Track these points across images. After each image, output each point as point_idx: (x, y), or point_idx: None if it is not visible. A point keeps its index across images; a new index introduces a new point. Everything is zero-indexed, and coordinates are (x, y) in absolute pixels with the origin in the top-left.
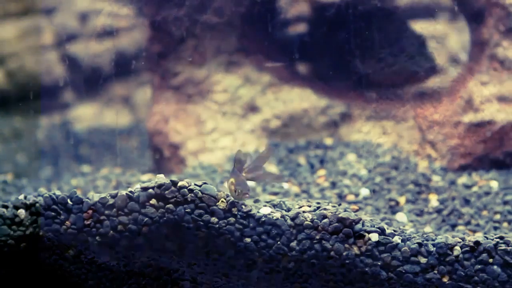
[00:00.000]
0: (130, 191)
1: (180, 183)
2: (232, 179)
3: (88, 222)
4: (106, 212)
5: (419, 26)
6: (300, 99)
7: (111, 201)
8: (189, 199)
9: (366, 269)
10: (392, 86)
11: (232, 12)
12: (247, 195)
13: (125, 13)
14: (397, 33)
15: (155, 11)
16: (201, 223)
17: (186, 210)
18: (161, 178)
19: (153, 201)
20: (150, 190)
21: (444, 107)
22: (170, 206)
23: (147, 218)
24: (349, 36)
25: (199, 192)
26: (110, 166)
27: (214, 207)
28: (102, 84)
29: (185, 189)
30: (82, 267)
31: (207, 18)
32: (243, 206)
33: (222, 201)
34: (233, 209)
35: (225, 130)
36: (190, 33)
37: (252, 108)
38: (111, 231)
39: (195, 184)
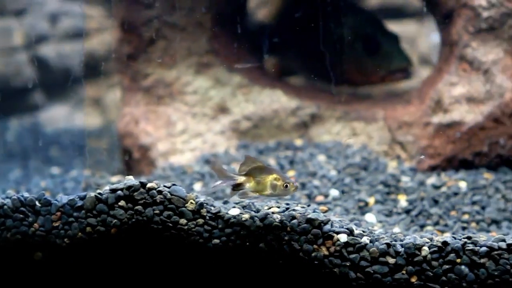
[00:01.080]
0: (99, 193)
1: (149, 185)
2: (274, 175)
3: (57, 224)
4: (75, 214)
5: (390, 27)
6: (271, 100)
7: (79, 203)
8: (158, 201)
9: (335, 270)
10: (368, 85)
11: (202, 14)
12: (297, 186)
13: (95, 15)
14: (371, 32)
15: (125, 13)
16: (170, 224)
17: (155, 212)
18: (130, 180)
19: (122, 203)
20: (119, 192)
21: (413, 108)
22: (139, 207)
23: (115, 220)
24: (321, 35)
25: (168, 194)
26: (80, 168)
27: (183, 208)
28: (72, 86)
29: (154, 191)
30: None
31: (177, 20)
32: (212, 208)
33: (191, 203)
34: (202, 210)
35: (195, 132)
36: (160, 35)
37: (223, 110)
38: (80, 233)
39: (164, 186)
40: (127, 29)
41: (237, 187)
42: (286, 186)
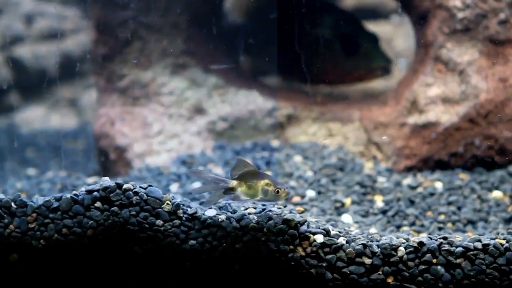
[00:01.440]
0: (75, 194)
1: (125, 186)
2: (266, 180)
3: (33, 226)
4: (51, 215)
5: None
6: (247, 101)
7: (55, 204)
8: (134, 202)
9: (311, 271)
10: (347, 84)
11: (178, 15)
12: (288, 192)
13: (71, 15)
14: (350, 31)
15: (100, 14)
16: (146, 225)
17: (131, 213)
18: (106, 181)
19: (98, 204)
20: (95, 193)
21: (389, 108)
22: (115, 209)
23: (92, 221)
24: (296, 36)
25: (144, 195)
26: (56, 169)
27: (159, 209)
28: (48, 87)
29: (130, 192)
30: None
31: (152, 21)
32: (188, 208)
33: (167, 204)
34: (178, 211)
35: (172, 133)
36: (136, 36)
37: (199, 110)
38: (56, 235)
39: (140, 187)
40: (102, 30)
41: (228, 191)
42: (278, 191)
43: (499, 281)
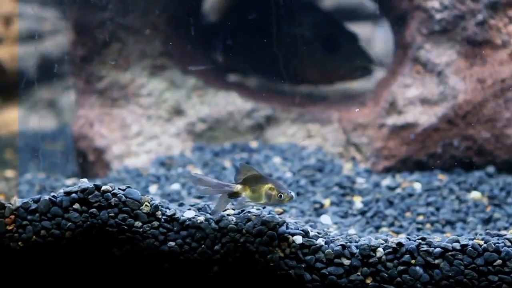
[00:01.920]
0: (53, 196)
1: (103, 187)
2: (269, 184)
3: (11, 228)
4: (29, 217)
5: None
6: (226, 102)
7: (33, 206)
8: (112, 203)
9: (290, 272)
10: (328, 83)
11: (157, 16)
12: (292, 196)
13: (49, 17)
14: (331, 31)
15: (78, 15)
16: (125, 227)
17: (110, 215)
18: (84, 183)
19: (76, 206)
20: (74, 195)
21: (368, 109)
22: (93, 210)
23: (70, 223)
24: (274, 35)
25: (123, 196)
26: (34, 171)
27: (138, 211)
28: (26, 88)
29: (109, 193)
30: None
31: (131, 22)
32: (167, 210)
33: (146, 205)
34: (157, 213)
35: (150, 134)
36: (114, 37)
37: (178, 112)
38: (34, 236)
39: (118, 188)
40: (80, 32)
41: (233, 195)
42: (281, 196)
43: (478, 281)
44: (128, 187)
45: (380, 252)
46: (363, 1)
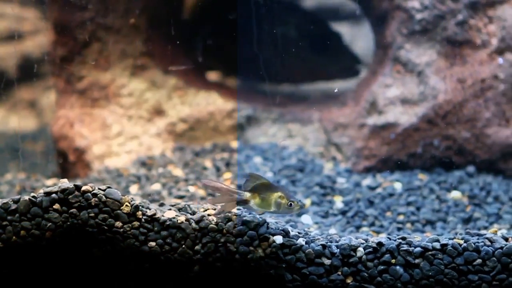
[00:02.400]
0: (33, 196)
1: (84, 188)
2: (279, 193)
3: None
4: (9, 217)
5: None
6: (206, 103)
7: (13, 207)
8: (93, 204)
9: (271, 272)
10: (314, 83)
11: (137, 16)
12: (301, 205)
13: (30, 17)
14: (316, 31)
15: (59, 15)
16: (105, 227)
17: (90, 215)
18: (64, 183)
19: (56, 206)
20: (54, 195)
21: (349, 109)
22: (73, 210)
23: (50, 223)
24: (261, 36)
25: (103, 197)
26: (15, 171)
27: (118, 211)
28: (7, 88)
29: (89, 194)
30: None
31: (111, 22)
32: (148, 210)
33: (126, 205)
34: (137, 213)
35: (131, 134)
36: (95, 37)
37: (158, 112)
38: (14, 237)
39: (99, 189)
40: (61, 31)
41: (242, 202)
42: (291, 204)
43: (458, 281)
44: (109, 187)
45: (360, 251)
46: (344, 1)
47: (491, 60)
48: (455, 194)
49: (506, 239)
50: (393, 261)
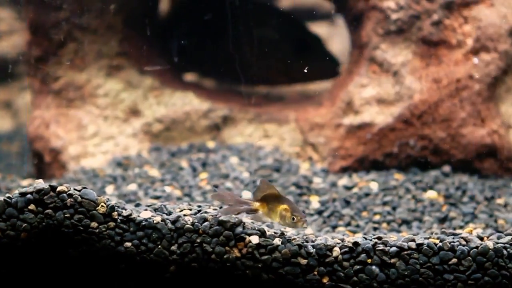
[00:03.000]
0: (8, 197)
1: (59, 188)
2: (285, 205)
3: None
4: None
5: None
6: (182, 103)
7: None
8: (68, 204)
9: (247, 272)
10: (294, 84)
11: (113, 16)
12: (306, 221)
13: (5, 17)
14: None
15: (34, 15)
16: (81, 228)
17: (66, 215)
18: (40, 183)
19: (31, 207)
20: (29, 196)
21: (325, 109)
22: (49, 211)
23: (25, 224)
24: (239, 38)
25: (79, 197)
26: None
27: (94, 211)
28: None
29: (64, 194)
30: None
31: (87, 22)
32: (123, 210)
33: (102, 206)
34: (113, 213)
35: (107, 135)
36: (70, 37)
37: (134, 112)
38: None
39: (74, 189)
40: (36, 32)
41: (251, 212)
42: (293, 218)
43: (433, 280)
44: (84, 187)
45: (336, 251)
46: (320, 1)
47: (467, 60)
48: (431, 194)
49: (481, 239)
50: (369, 260)
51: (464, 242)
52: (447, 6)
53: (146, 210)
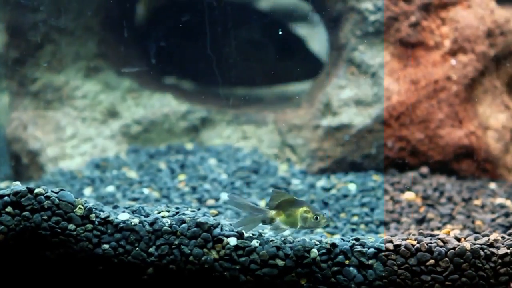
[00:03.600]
0: None
1: (36, 190)
2: (305, 207)
3: None
4: None
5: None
6: (161, 104)
7: None
8: (46, 206)
9: (225, 273)
10: (277, 86)
11: (91, 17)
12: (329, 218)
13: None
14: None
15: (11, 17)
16: (58, 230)
17: (43, 218)
18: (17, 185)
19: (8, 209)
20: (6, 198)
21: (303, 111)
22: (26, 213)
23: (2, 226)
24: (215, 38)
25: (56, 199)
26: None
27: (72, 213)
28: None
29: (42, 196)
30: None
31: (65, 24)
32: (101, 213)
33: (79, 208)
34: (90, 215)
35: (85, 136)
36: (48, 39)
37: (112, 114)
38: None
39: (52, 191)
40: (13, 34)
41: (268, 221)
42: (317, 218)
43: (411, 281)
44: (62, 189)
45: (314, 253)
46: (298, 2)
47: (444, 62)
48: (409, 195)
49: (459, 240)
50: (346, 262)
51: (441, 243)
52: (424, 7)
53: (124, 212)
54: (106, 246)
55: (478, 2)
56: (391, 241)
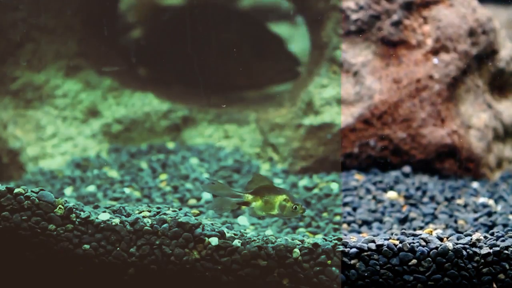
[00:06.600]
0: None
1: (16, 190)
2: (284, 196)
3: None
4: None
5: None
6: (142, 103)
7: None
8: (25, 206)
9: (207, 273)
10: (255, 88)
11: (72, 16)
12: (305, 209)
13: None
14: (256, 34)
15: None
16: (38, 230)
17: (23, 218)
18: None
19: None
20: None
21: (285, 110)
22: (6, 213)
23: None
24: (194, 38)
25: (36, 199)
26: None
27: (52, 214)
28: None
29: (22, 196)
30: None
31: (45, 22)
32: (82, 212)
33: (59, 208)
34: (71, 215)
35: (66, 135)
36: (28, 37)
37: (93, 113)
38: None
39: (32, 191)
40: None
41: (243, 204)
42: (295, 207)
43: (393, 281)
44: (42, 189)
45: (296, 253)
46: (279, 1)
47: (426, 60)
48: (391, 194)
49: (441, 239)
50: (329, 262)
51: (424, 243)
52: (406, 6)
53: (105, 212)
54: (86, 246)
55: (460, 0)
56: (373, 241)
